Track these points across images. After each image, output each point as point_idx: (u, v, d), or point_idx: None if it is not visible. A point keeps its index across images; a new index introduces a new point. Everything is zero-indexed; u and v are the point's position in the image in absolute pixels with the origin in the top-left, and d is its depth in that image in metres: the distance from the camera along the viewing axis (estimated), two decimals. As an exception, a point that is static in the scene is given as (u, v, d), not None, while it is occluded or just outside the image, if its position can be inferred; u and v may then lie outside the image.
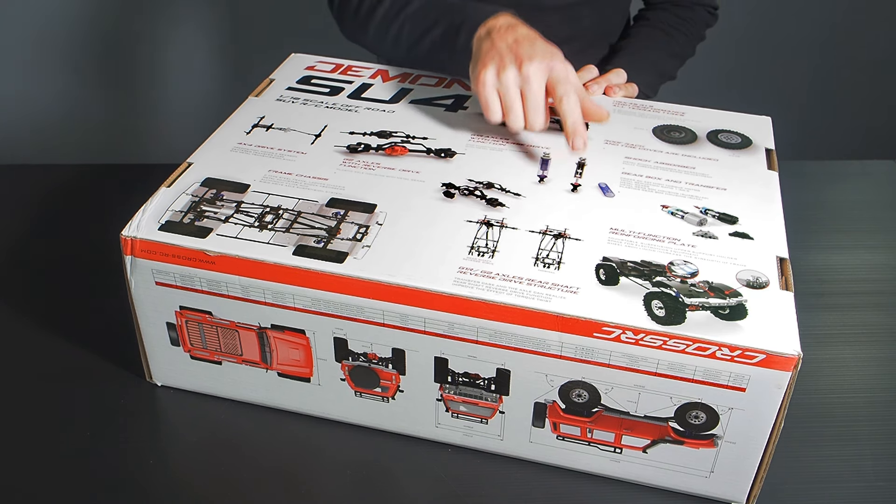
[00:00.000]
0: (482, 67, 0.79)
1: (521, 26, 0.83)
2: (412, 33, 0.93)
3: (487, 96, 0.78)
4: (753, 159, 0.80)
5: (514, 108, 0.78)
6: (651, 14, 1.14)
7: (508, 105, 0.78)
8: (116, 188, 0.98)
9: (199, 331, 0.70)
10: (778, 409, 0.60)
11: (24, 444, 0.70)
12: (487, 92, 0.78)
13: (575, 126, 0.78)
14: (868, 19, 2.07)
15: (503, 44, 0.80)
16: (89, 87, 2.07)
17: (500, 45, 0.80)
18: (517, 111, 0.78)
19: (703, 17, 1.14)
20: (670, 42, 1.10)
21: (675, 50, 1.10)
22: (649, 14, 1.14)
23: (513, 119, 0.78)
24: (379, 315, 0.64)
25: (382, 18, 0.96)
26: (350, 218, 0.69)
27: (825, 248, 0.94)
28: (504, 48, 0.79)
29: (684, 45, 1.12)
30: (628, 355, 0.61)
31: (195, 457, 0.70)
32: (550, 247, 0.67)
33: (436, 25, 0.90)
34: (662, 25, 1.11)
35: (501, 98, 0.78)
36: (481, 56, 0.80)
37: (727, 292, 0.63)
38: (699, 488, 0.66)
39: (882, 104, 2.18)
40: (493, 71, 0.78)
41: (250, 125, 0.82)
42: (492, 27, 0.83)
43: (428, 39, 0.91)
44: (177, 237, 0.67)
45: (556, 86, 0.78)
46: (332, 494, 0.66)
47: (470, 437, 0.69)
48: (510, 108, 0.78)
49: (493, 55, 0.79)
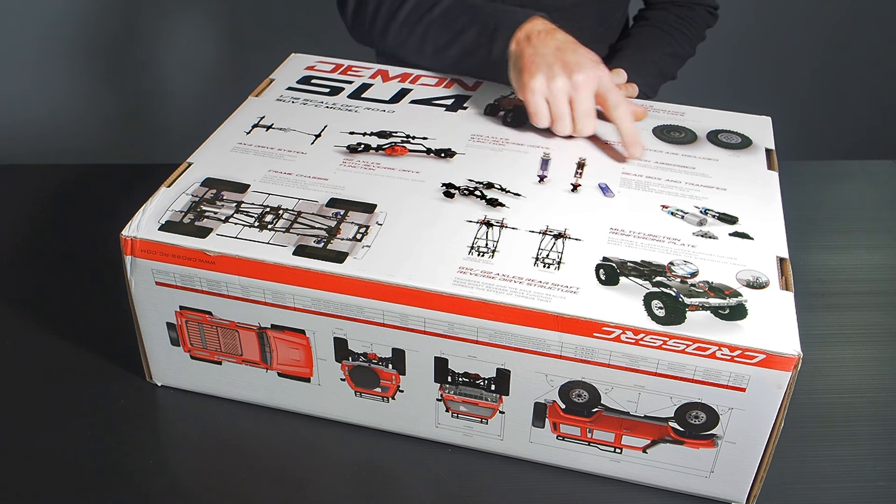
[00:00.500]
0: (529, 76, 0.79)
1: (558, 31, 0.83)
2: (439, 38, 0.92)
3: (537, 104, 0.79)
4: (753, 159, 0.80)
5: (564, 116, 0.79)
6: (651, 14, 1.14)
7: (558, 113, 0.79)
8: (116, 188, 0.98)
9: (199, 331, 0.70)
10: (778, 409, 0.60)
11: (24, 444, 0.70)
12: (537, 100, 0.79)
13: (632, 134, 0.78)
14: (868, 19, 2.07)
15: (547, 50, 0.80)
16: (89, 88, 2.07)
17: (543, 51, 0.80)
18: (566, 120, 0.79)
19: (703, 17, 1.14)
20: (670, 42, 1.10)
21: (676, 50, 1.10)
22: (649, 14, 1.14)
23: (562, 127, 0.80)
24: (379, 315, 0.64)
25: (404, 23, 0.94)
26: (350, 218, 0.69)
27: (825, 248, 0.94)
28: (549, 55, 0.80)
29: (684, 45, 1.12)
30: (628, 355, 0.61)
31: (195, 457, 0.70)
32: (550, 247, 0.67)
33: (466, 29, 0.89)
34: (663, 25, 1.11)
35: (550, 106, 0.79)
36: (526, 63, 0.81)
37: (727, 292, 0.63)
38: (699, 488, 0.66)
39: (882, 104, 2.18)
40: (542, 79, 0.79)
41: (250, 125, 0.82)
42: (530, 31, 0.83)
43: (457, 44, 0.90)
44: (177, 237, 0.67)
45: (608, 95, 0.79)
46: (332, 494, 0.66)
47: (470, 437, 0.69)
48: (560, 117, 0.79)
49: (540, 62, 0.80)
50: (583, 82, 0.78)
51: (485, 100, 0.88)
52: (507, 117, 0.85)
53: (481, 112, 0.86)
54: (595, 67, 0.79)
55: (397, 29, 0.95)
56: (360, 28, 1.01)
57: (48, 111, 2.08)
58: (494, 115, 0.85)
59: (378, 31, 0.98)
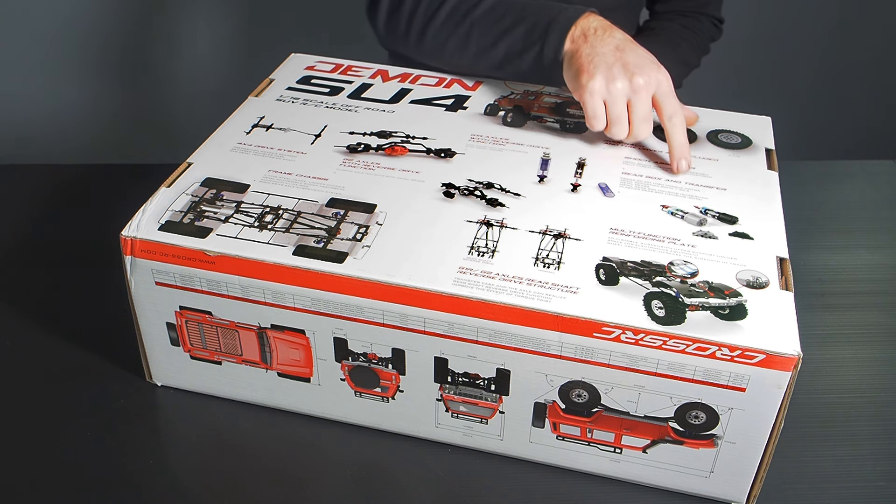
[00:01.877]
0: (589, 76, 0.76)
1: (615, 29, 0.80)
2: (484, 37, 0.87)
3: (595, 106, 0.76)
4: (753, 159, 0.80)
5: (620, 120, 0.77)
6: (656, 24, 1.14)
7: (615, 116, 0.77)
8: (116, 188, 0.98)
9: (198, 331, 0.70)
10: (778, 409, 0.60)
11: (24, 444, 0.70)
12: (595, 102, 0.76)
13: (682, 148, 0.76)
14: (868, 19, 2.07)
15: (605, 49, 0.77)
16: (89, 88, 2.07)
17: (602, 50, 0.77)
18: (623, 123, 0.77)
19: (708, 28, 1.14)
20: (676, 49, 1.10)
21: (681, 57, 1.10)
22: (654, 24, 1.15)
23: (617, 131, 0.77)
24: (379, 315, 0.64)
25: (445, 23, 0.90)
26: (350, 218, 0.69)
27: (825, 248, 0.94)
28: (609, 54, 0.77)
29: (689, 54, 1.12)
30: (628, 355, 0.61)
31: (195, 457, 0.70)
32: (550, 247, 0.67)
33: (514, 27, 0.85)
34: (668, 34, 1.11)
35: (607, 108, 0.77)
36: (584, 63, 0.78)
37: (727, 292, 0.63)
38: (699, 488, 0.66)
39: (882, 104, 2.18)
40: (601, 81, 0.76)
41: (250, 125, 0.82)
42: (585, 29, 0.80)
43: (504, 43, 0.86)
44: (177, 237, 0.67)
45: (665, 102, 0.77)
46: (332, 494, 0.66)
47: (470, 437, 0.69)
48: (617, 120, 0.77)
49: (599, 63, 0.77)
50: (643, 86, 0.75)
51: (485, 100, 0.88)
52: (507, 117, 0.85)
53: (481, 112, 0.86)
54: (655, 70, 0.77)
55: (437, 30, 0.91)
56: (394, 33, 0.96)
57: (48, 111, 2.08)
58: (494, 115, 0.85)
59: (415, 35, 0.93)
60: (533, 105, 0.87)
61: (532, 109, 0.86)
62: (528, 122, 0.84)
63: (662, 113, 0.77)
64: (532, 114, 0.85)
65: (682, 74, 1.12)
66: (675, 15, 1.13)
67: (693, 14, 1.13)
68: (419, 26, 0.92)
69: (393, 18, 0.95)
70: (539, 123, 0.84)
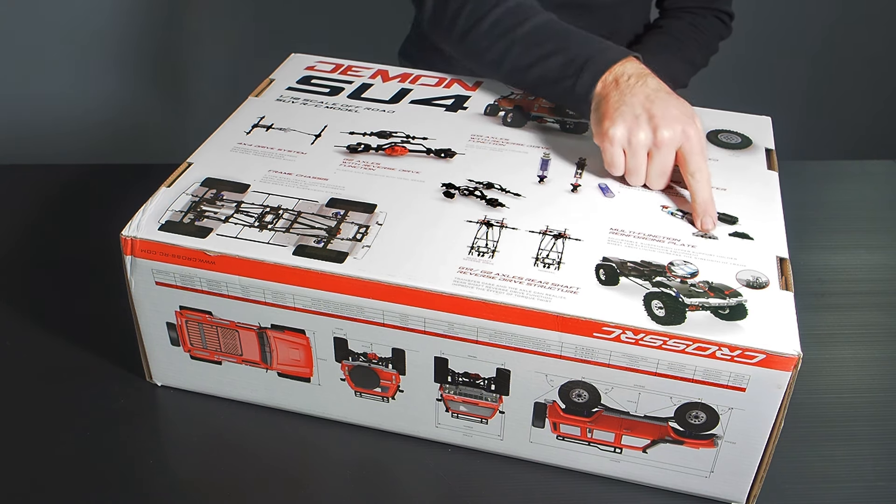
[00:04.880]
0: (611, 122, 0.73)
1: (650, 77, 0.76)
2: (521, 59, 0.84)
3: (613, 154, 0.74)
4: (753, 159, 0.80)
5: (639, 171, 0.74)
6: (664, 22, 1.14)
7: (634, 167, 0.74)
8: (116, 188, 0.98)
9: (199, 331, 0.70)
10: (778, 409, 0.60)
11: (24, 444, 0.70)
12: (615, 150, 0.73)
13: (706, 206, 0.71)
14: (867, 19, 2.07)
15: (635, 99, 0.74)
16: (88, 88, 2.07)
17: (630, 100, 0.74)
18: (641, 174, 0.74)
19: (716, 25, 1.14)
20: (681, 48, 1.10)
21: (687, 56, 1.10)
22: (662, 22, 1.15)
23: (634, 179, 0.74)
24: (379, 315, 0.64)
25: (486, 34, 0.87)
26: (350, 218, 0.69)
27: (825, 248, 0.94)
28: (637, 105, 0.73)
29: (695, 53, 1.11)
30: (628, 355, 0.61)
31: (195, 457, 0.70)
32: (550, 247, 0.67)
33: (554, 55, 0.82)
34: (675, 32, 1.11)
35: (626, 157, 0.74)
36: (610, 109, 0.74)
37: (727, 292, 0.63)
38: (699, 488, 0.66)
39: (882, 104, 2.18)
40: (623, 129, 0.73)
41: (250, 125, 0.82)
42: (619, 75, 0.77)
43: (538, 69, 0.83)
44: (177, 237, 0.67)
45: (689, 158, 0.72)
46: (332, 494, 0.66)
47: (470, 437, 0.69)
48: (634, 171, 0.74)
49: (625, 111, 0.73)
50: (667, 140, 0.72)
51: (485, 100, 0.88)
52: (507, 117, 0.85)
53: (481, 112, 0.86)
54: (683, 123, 0.72)
55: (478, 38, 0.88)
56: (438, 27, 0.93)
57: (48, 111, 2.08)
58: (494, 115, 0.85)
59: (456, 36, 0.90)
60: (533, 105, 0.87)
61: (532, 109, 0.86)
62: (528, 122, 0.84)
63: (686, 169, 0.72)
64: (532, 114, 0.85)
65: (687, 74, 1.11)
66: (683, 12, 1.13)
67: (701, 11, 1.13)
68: (460, 31, 0.90)
69: (436, 17, 0.93)
70: (539, 124, 0.84)
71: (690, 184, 0.72)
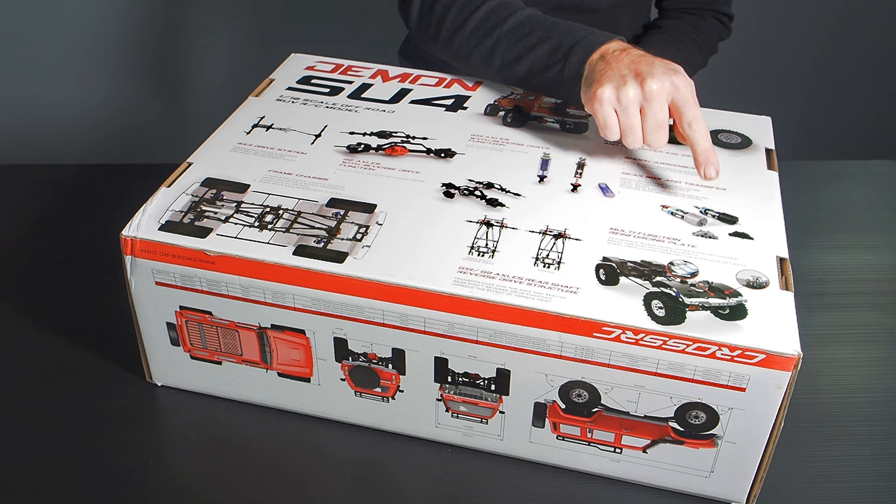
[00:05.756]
0: (599, 86, 0.74)
1: (634, 49, 0.77)
2: (508, 52, 0.86)
3: (605, 114, 0.73)
4: (753, 159, 0.80)
5: (633, 127, 0.73)
6: (664, 22, 1.14)
7: (628, 124, 0.73)
8: (116, 188, 0.98)
9: (199, 331, 0.70)
10: (778, 409, 0.60)
11: (23, 443, 0.70)
12: (605, 110, 0.73)
13: (707, 154, 0.72)
14: (867, 19, 2.07)
15: (621, 64, 0.75)
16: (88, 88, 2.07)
17: (617, 65, 0.75)
18: (637, 131, 0.73)
19: (715, 26, 1.14)
20: (680, 48, 1.10)
21: (686, 57, 1.10)
22: (662, 23, 1.15)
23: (631, 140, 0.74)
24: (379, 315, 0.64)
25: (472, 34, 0.89)
26: (350, 218, 0.69)
27: (825, 248, 0.94)
28: (623, 67, 0.74)
29: (695, 54, 1.11)
30: (628, 355, 0.61)
31: (195, 457, 0.70)
32: (550, 247, 0.67)
33: (540, 45, 0.83)
34: (674, 33, 1.11)
35: (619, 117, 0.74)
36: (597, 76, 0.75)
37: (727, 292, 0.63)
38: (699, 488, 0.66)
39: (882, 104, 2.18)
40: (611, 88, 0.73)
41: (250, 125, 0.82)
42: (605, 52, 0.78)
43: (527, 60, 0.84)
44: (177, 237, 0.67)
45: (684, 108, 0.73)
46: (332, 494, 0.66)
47: (470, 437, 0.69)
48: (630, 128, 0.73)
49: (612, 74, 0.74)
50: (656, 92, 0.72)
51: (485, 100, 0.88)
52: (507, 117, 0.85)
53: (481, 112, 0.86)
54: (671, 74, 0.73)
55: (464, 40, 0.90)
56: (424, 34, 0.95)
57: (48, 111, 2.08)
58: (494, 115, 0.85)
59: (443, 40, 0.92)
60: (533, 105, 0.87)
61: (532, 109, 0.86)
62: (528, 122, 0.84)
63: (681, 119, 0.73)
64: (532, 114, 0.85)
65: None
66: (682, 13, 1.13)
67: (700, 12, 1.13)
68: (447, 34, 0.91)
69: (422, 24, 0.95)
70: (539, 123, 0.84)
71: (688, 134, 0.72)
